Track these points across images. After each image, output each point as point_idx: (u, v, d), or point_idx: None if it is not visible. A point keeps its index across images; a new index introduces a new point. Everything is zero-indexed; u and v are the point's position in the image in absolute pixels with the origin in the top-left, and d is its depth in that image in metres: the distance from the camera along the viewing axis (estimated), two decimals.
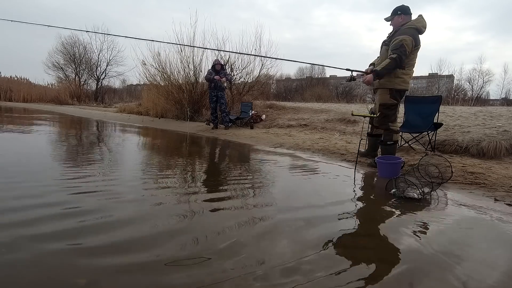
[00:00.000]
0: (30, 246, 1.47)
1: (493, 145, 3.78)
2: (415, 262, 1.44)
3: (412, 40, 3.11)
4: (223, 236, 1.65)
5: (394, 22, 3.30)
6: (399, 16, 3.26)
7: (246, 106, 8.56)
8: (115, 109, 16.44)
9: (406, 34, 3.12)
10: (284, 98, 20.17)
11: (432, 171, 2.93)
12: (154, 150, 4.91)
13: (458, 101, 12.80)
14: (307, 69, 37.45)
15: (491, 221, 1.99)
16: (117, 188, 2.52)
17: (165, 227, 1.76)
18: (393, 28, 3.34)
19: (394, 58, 3.13)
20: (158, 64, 10.21)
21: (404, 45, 3.08)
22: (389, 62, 3.17)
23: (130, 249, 1.50)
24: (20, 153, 3.91)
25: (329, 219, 1.96)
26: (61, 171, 3.11)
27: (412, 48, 3.14)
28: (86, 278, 1.24)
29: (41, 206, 1.99)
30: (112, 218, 1.87)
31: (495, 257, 1.52)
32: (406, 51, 3.10)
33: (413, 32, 3.15)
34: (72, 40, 26.92)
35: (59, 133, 6.75)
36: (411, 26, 3.18)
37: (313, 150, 4.58)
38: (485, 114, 5.90)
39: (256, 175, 3.21)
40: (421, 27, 3.19)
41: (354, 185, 2.94)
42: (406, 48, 3.09)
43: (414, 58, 3.27)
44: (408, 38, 3.10)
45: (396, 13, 3.26)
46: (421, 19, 3.22)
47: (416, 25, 3.18)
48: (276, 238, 1.66)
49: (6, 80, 26.59)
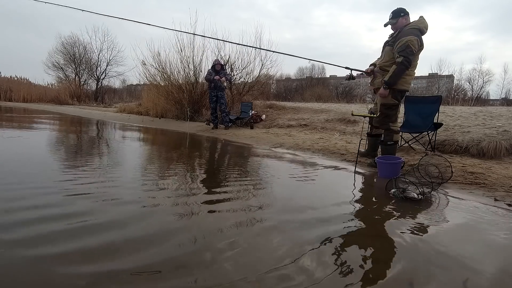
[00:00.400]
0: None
1: (493, 145, 3.78)
2: (414, 262, 1.44)
3: (417, 40, 3.10)
4: (221, 236, 1.65)
5: (398, 24, 3.27)
6: (403, 18, 3.25)
7: (246, 106, 8.56)
8: (115, 109, 16.44)
9: (412, 34, 3.11)
10: (284, 98, 20.16)
11: (432, 171, 2.93)
12: (154, 150, 4.91)
13: (458, 101, 12.80)
14: (307, 69, 37.47)
15: (491, 220, 1.98)
16: (116, 189, 2.52)
17: (163, 227, 1.76)
18: (395, 30, 3.32)
19: (401, 62, 3.13)
20: (158, 64, 10.23)
21: (410, 45, 3.08)
22: (396, 68, 3.17)
23: (128, 250, 1.50)
24: (17, 154, 3.91)
25: (328, 219, 1.96)
26: (58, 171, 3.10)
27: (418, 48, 3.13)
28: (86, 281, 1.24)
29: (34, 209, 1.99)
30: (104, 219, 1.87)
31: (495, 257, 1.52)
32: (412, 51, 3.09)
33: (417, 32, 3.14)
34: (72, 40, 26.95)
35: (60, 132, 6.75)
36: (415, 26, 3.17)
37: (313, 150, 4.58)
38: (485, 114, 5.90)
39: (256, 175, 3.21)
40: (423, 27, 3.19)
41: (354, 185, 2.94)
42: (413, 48, 3.08)
43: (417, 59, 3.27)
44: (414, 38, 3.09)
45: (400, 15, 3.26)
46: (423, 19, 3.22)
47: (419, 26, 3.18)
48: (275, 238, 1.65)
49: (6, 80, 26.59)
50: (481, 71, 27.82)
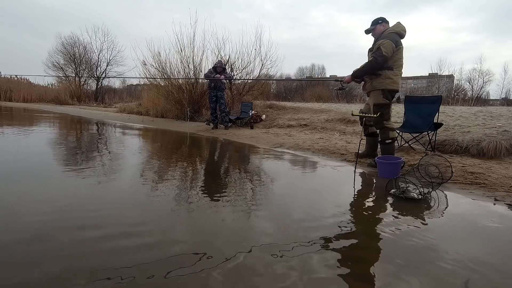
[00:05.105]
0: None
1: (493, 145, 3.78)
2: (414, 262, 1.44)
3: (391, 42, 3.34)
4: (219, 236, 1.65)
5: (376, 30, 3.55)
6: (381, 25, 3.53)
7: (246, 106, 8.55)
8: (115, 109, 16.43)
9: (386, 38, 3.38)
10: (284, 98, 20.18)
11: (432, 171, 2.93)
12: (154, 149, 4.91)
13: (458, 101, 12.80)
14: (307, 69, 37.49)
15: (490, 221, 1.98)
16: (115, 189, 2.52)
17: (161, 228, 1.76)
18: (375, 36, 3.60)
19: (370, 60, 3.45)
20: (158, 64, 10.21)
21: (381, 47, 3.33)
22: (365, 64, 3.51)
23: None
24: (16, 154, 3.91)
25: (328, 219, 1.96)
26: (60, 169, 3.10)
27: (392, 49, 3.35)
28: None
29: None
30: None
31: (495, 257, 1.52)
32: (382, 52, 3.33)
33: (393, 36, 3.39)
34: (72, 40, 26.92)
35: (60, 132, 6.75)
36: (391, 31, 3.44)
37: (313, 150, 4.58)
38: (485, 114, 5.90)
39: (256, 175, 3.21)
40: (400, 31, 3.45)
41: (354, 185, 2.94)
42: (383, 50, 3.32)
43: (400, 59, 3.47)
44: (386, 41, 3.34)
45: (378, 22, 3.55)
46: (399, 24, 3.50)
47: (396, 30, 3.44)
48: (274, 239, 1.66)
49: (6, 80, 26.58)
50: (481, 71, 27.83)
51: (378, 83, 3.51)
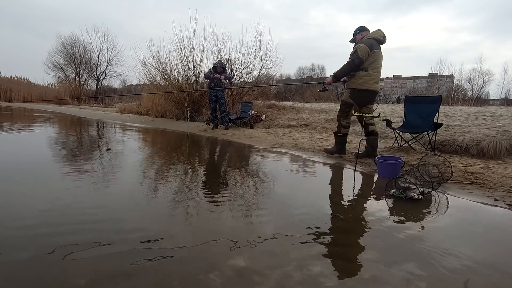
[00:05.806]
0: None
1: (493, 145, 3.78)
2: (414, 262, 1.44)
3: (366, 46, 3.65)
4: (219, 236, 1.65)
5: (356, 39, 3.90)
6: (359, 34, 3.88)
7: (246, 106, 8.55)
8: (115, 109, 16.44)
9: (362, 42, 3.72)
10: (284, 98, 20.16)
11: (432, 171, 2.93)
12: (154, 149, 4.91)
13: (458, 101, 12.81)
14: (307, 69, 37.50)
15: (491, 220, 1.98)
16: (114, 188, 2.52)
17: (159, 228, 1.76)
18: (355, 43, 3.90)
19: (348, 62, 3.78)
20: (158, 64, 10.21)
21: (357, 51, 3.67)
22: (343, 65, 3.80)
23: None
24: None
25: (328, 219, 1.96)
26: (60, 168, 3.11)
27: (367, 52, 3.65)
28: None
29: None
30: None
31: (495, 257, 1.52)
32: (358, 55, 3.65)
33: (369, 41, 3.69)
34: (72, 40, 26.99)
35: (61, 132, 6.75)
36: (370, 37, 3.76)
37: (313, 150, 4.58)
38: (485, 114, 5.90)
39: (255, 175, 3.21)
40: (378, 36, 3.75)
41: (353, 185, 2.94)
42: (359, 52, 3.65)
43: (376, 61, 3.72)
44: (362, 45, 3.67)
45: (356, 33, 3.91)
46: (378, 30, 3.80)
47: (374, 36, 3.75)
48: (274, 239, 1.66)
49: (6, 80, 26.58)
50: (481, 71, 27.85)
51: (351, 83, 3.84)
